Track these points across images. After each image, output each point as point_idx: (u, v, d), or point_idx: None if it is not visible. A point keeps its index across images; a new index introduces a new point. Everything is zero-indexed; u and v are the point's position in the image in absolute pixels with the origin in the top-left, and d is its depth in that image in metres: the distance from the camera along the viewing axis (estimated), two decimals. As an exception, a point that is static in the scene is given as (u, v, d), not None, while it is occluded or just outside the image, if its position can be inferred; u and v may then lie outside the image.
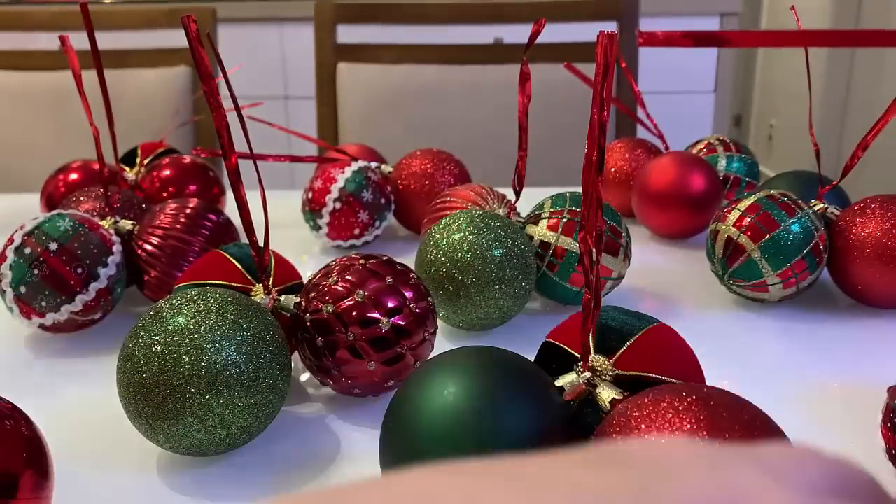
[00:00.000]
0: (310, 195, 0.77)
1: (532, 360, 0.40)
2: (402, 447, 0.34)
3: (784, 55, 2.24)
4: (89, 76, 0.57)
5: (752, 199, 0.62)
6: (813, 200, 0.65)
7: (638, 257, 0.73)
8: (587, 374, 0.37)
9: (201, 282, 0.51)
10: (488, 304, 0.56)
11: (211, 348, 0.40)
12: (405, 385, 0.36)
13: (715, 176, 0.78)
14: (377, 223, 0.77)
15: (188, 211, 0.63)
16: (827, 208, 0.64)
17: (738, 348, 0.58)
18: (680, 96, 2.06)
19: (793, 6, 0.73)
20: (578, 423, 0.38)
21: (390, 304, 0.46)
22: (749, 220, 0.60)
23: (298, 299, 0.48)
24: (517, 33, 1.08)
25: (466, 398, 0.33)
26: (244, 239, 0.66)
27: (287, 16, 2.03)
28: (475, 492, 0.13)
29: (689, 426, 0.30)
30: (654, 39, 0.23)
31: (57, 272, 0.55)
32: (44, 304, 0.55)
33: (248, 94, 0.84)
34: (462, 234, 0.56)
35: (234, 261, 0.52)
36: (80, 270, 0.56)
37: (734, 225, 0.61)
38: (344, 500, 0.14)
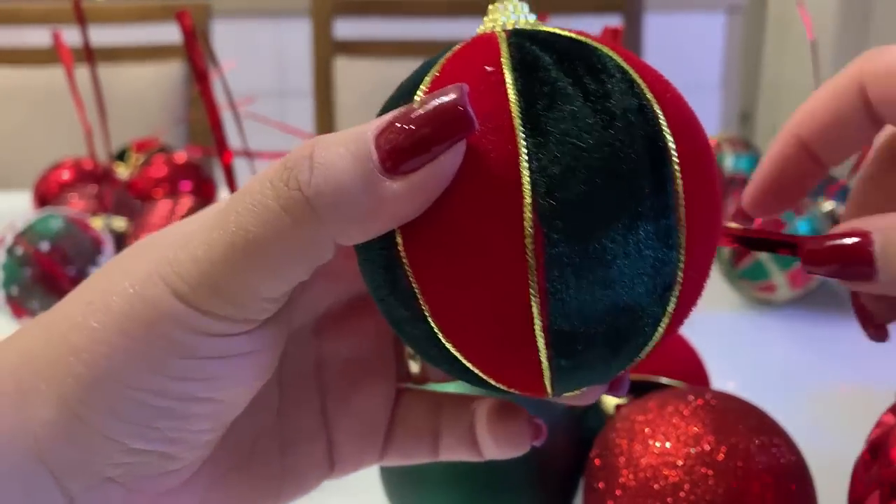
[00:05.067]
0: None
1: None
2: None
3: (791, 50, 2.23)
4: (81, 72, 0.56)
5: (759, 196, 0.61)
6: (821, 199, 0.64)
7: (641, 256, 0.72)
8: (590, 379, 0.36)
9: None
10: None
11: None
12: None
13: (720, 174, 0.77)
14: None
15: (181, 209, 0.63)
16: (835, 207, 0.63)
17: (744, 350, 0.57)
18: (685, 92, 2.05)
19: (799, 2, 0.72)
20: (581, 428, 0.37)
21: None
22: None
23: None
24: (518, 28, 1.06)
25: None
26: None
27: (283, 10, 2.02)
28: None
29: (694, 430, 0.30)
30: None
31: (48, 272, 0.56)
32: (36, 304, 0.56)
33: (244, 90, 0.83)
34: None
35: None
36: (71, 270, 0.57)
37: (740, 223, 0.60)
38: None
